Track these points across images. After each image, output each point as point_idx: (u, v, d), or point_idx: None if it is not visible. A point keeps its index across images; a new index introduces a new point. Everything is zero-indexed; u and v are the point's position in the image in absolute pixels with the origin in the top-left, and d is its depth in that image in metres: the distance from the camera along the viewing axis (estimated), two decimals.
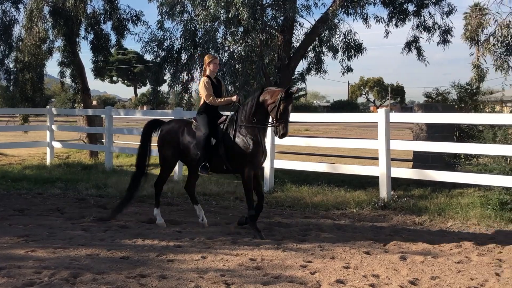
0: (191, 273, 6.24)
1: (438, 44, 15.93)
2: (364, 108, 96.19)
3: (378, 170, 11.06)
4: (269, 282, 5.96)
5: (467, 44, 12.38)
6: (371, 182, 11.97)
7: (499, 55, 11.84)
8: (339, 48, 15.81)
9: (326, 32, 14.57)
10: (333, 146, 15.29)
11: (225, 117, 8.77)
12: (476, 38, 12.02)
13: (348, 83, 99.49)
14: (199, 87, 8.89)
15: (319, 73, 16.67)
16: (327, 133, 37.35)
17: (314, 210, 9.99)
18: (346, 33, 15.92)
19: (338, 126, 47.96)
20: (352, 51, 16.05)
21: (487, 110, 14.27)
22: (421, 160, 13.19)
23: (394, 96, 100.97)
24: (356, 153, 17.14)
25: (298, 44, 15.86)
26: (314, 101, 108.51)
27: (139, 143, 9.40)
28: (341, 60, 16.27)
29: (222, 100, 8.76)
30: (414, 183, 12.23)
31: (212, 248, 7.44)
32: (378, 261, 6.97)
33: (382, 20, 16.33)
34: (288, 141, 11.21)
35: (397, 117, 12.12)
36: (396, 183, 11.92)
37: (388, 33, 16.74)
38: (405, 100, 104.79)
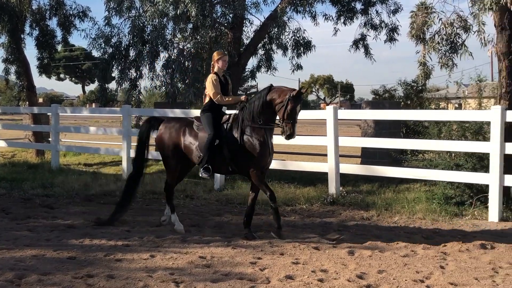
0: (139, 272, 6.17)
1: (385, 42, 16.25)
2: (315, 106, 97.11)
3: (327, 166, 11.18)
4: (218, 280, 5.96)
5: (413, 42, 12.62)
6: (321, 178, 12.08)
7: (444, 52, 12.10)
8: (288, 45, 15.94)
9: (276, 30, 14.66)
10: (284, 143, 15.35)
11: (228, 116, 8.34)
12: (421, 36, 12.25)
13: (299, 81, 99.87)
14: (207, 84, 8.41)
15: (269, 71, 16.78)
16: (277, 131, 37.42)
17: (264, 207, 10.01)
18: (296, 31, 16.09)
19: None
20: (301, 48, 16.24)
21: (433, 107, 14.56)
22: (369, 156, 13.42)
23: (344, 94, 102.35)
24: (307, 150, 17.27)
25: (248, 42, 15.89)
26: None
27: (136, 143, 8.98)
28: (290, 57, 16.47)
29: (230, 99, 8.35)
30: (363, 179, 12.42)
31: (161, 247, 7.38)
32: (327, 256, 7.05)
33: (331, 18, 16.57)
34: None
35: (345, 114, 12.24)
36: (345, 179, 12.07)
37: (337, 31, 17.01)
38: (355, 98, 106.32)
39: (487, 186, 9.33)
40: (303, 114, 15.94)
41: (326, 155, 11.29)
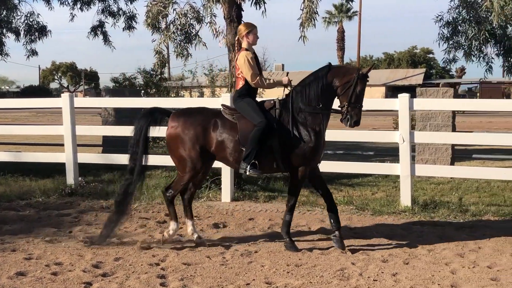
0: None
1: (123, 30, 16.19)
2: (58, 94, 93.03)
3: (64, 156, 10.82)
4: None
5: (150, 31, 12.76)
6: (60, 169, 11.65)
7: (179, 42, 12.45)
8: (21, 30, 15.05)
9: (5, 13, 13.67)
10: (20, 134, 14.53)
11: (273, 102, 6.98)
12: (157, 25, 12.44)
13: (39, 68, 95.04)
14: (240, 64, 6.95)
15: (1, 56, 15.66)
16: (17, 120, 35.16)
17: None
18: (29, 15, 15.21)
19: (30, 113, 45.57)
20: (36, 33, 15.43)
21: (172, 95, 14.98)
22: (110, 144, 13.30)
23: (89, 82, 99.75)
24: (48, 140, 16.47)
25: None
26: (3, 87, 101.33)
27: (131, 140, 7.17)
28: (24, 43, 15.56)
29: (271, 81, 7.12)
30: (105, 168, 12.27)
31: None
32: (63, 248, 6.87)
33: (67, 3, 15.95)
34: None
35: (82, 102, 12.05)
36: (86, 169, 11.81)
37: (73, 16, 16.43)
38: (100, 86, 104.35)
39: (220, 168, 9.88)
40: (37, 103, 15.34)
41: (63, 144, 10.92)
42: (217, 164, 9.74)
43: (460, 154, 13.79)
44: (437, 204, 9.02)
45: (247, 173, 6.82)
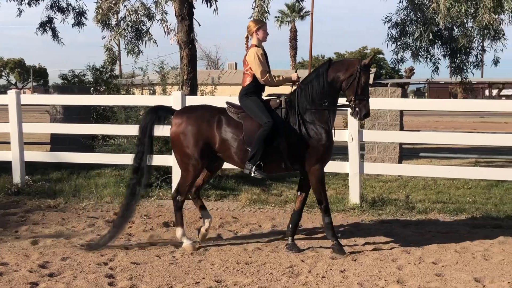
0: None
1: (73, 26, 15.86)
2: (5, 91, 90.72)
3: (11, 154, 10.56)
4: None
5: (100, 28, 12.62)
6: (7, 168, 11.36)
7: (130, 39, 12.37)
8: None
9: None
10: None
11: (279, 101, 6.80)
12: (107, 22, 12.33)
13: None
14: (250, 60, 6.77)
15: None
16: None
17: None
18: None
19: None
20: None
21: (123, 93, 14.82)
22: (59, 142, 13.06)
23: (37, 78, 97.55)
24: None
25: None
26: None
27: (137, 139, 7.00)
28: None
29: (281, 78, 6.89)
30: (53, 166, 12.02)
31: None
32: (8, 248, 6.74)
33: None
34: None
35: (30, 99, 11.80)
36: (34, 168, 11.55)
37: (21, 12, 16.02)
38: (49, 83, 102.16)
39: (171, 167, 9.81)
40: None
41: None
42: (167, 162, 9.76)
43: (407, 153, 14.08)
44: (385, 202, 9.19)
45: (252, 175, 6.64)
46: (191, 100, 9.98)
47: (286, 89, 6.91)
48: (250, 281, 5.69)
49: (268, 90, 7.01)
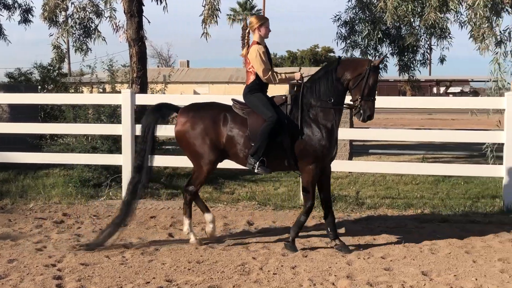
0: None
1: (19, 23, 15.57)
2: None
3: None
4: None
5: (47, 25, 12.37)
6: None
7: (78, 36, 12.17)
8: None
9: None
10: None
11: (284, 97, 6.73)
12: (55, 19, 12.10)
13: None
14: (252, 58, 6.68)
15: None
16: None
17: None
18: None
19: None
20: None
21: (71, 91, 14.56)
22: (5, 142, 12.72)
23: None
24: None
25: None
26: None
27: (139, 138, 6.92)
28: None
29: (283, 76, 6.78)
30: None
31: None
32: None
33: None
34: None
35: None
36: None
37: None
38: None
39: (121, 166, 9.70)
40: None
41: None
42: (117, 161, 9.65)
43: (357, 150, 14.30)
44: (336, 198, 9.29)
45: (255, 171, 6.56)
46: (141, 99, 9.91)
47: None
48: (201, 279, 5.67)
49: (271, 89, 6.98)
